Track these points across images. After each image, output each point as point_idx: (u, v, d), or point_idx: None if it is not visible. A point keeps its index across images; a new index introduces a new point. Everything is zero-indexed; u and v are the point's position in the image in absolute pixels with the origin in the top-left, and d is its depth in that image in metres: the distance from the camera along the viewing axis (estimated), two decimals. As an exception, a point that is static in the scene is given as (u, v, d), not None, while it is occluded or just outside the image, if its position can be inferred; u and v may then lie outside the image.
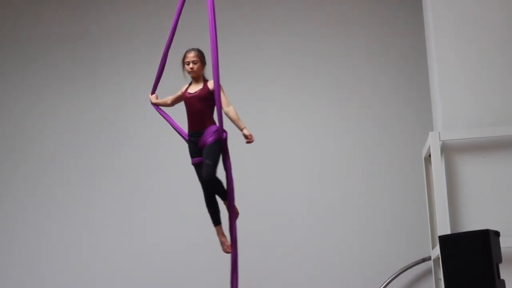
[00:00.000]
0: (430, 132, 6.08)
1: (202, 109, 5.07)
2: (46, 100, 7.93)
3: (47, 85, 7.96)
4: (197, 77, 5.19)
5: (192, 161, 5.18)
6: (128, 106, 7.84)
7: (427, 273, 7.12)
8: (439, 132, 6.00)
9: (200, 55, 5.15)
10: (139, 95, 7.77)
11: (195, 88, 5.12)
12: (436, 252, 6.04)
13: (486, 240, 4.90)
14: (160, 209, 7.62)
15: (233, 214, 5.18)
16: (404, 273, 7.13)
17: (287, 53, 7.77)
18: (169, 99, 5.36)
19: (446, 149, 6.01)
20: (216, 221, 5.23)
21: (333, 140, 7.57)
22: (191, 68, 5.11)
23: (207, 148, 5.02)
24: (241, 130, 5.07)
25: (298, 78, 7.72)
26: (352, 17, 7.74)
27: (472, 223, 5.84)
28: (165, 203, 7.61)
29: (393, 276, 7.10)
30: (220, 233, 5.22)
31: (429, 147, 6.09)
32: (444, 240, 5.13)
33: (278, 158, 7.59)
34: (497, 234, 5.01)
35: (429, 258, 6.84)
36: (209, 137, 5.04)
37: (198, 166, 5.16)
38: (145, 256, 7.53)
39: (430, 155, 6.14)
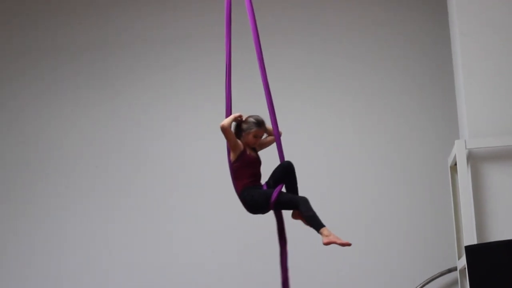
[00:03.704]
0: (456, 140, 6.06)
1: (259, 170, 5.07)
2: (67, 109, 7.94)
3: (69, 92, 7.95)
4: None
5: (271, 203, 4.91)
6: (152, 115, 7.83)
7: (452, 284, 7.05)
8: (465, 140, 5.97)
9: None
10: (162, 102, 7.85)
11: (252, 152, 5.04)
12: (462, 262, 6.00)
13: (513, 250, 4.91)
14: (186, 222, 7.59)
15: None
16: (429, 284, 7.05)
17: (309, 61, 7.72)
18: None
19: (473, 158, 5.98)
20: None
21: (357, 148, 7.51)
22: (255, 143, 5.04)
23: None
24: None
25: (322, 85, 7.68)
26: (378, 25, 7.69)
27: (499, 233, 5.79)
28: (191, 216, 7.57)
29: (418, 287, 7.02)
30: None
31: (455, 155, 6.06)
32: (471, 250, 5.18)
33: (300, 168, 7.54)
34: (525, 244, 5.01)
35: (455, 269, 6.81)
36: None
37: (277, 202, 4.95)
38: (170, 271, 7.50)
39: (456, 164, 6.12)
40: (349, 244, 4.83)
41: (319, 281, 7.29)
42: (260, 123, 5.00)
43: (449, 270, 7.00)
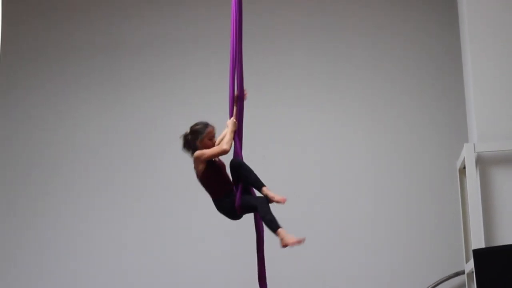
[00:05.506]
0: (465, 144, 6.07)
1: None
2: (78, 112, 7.96)
3: (79, 96, 7.97)
4: None
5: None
6: (162, 119, 7.84)
7: (460, 288, 7.09)
8: (474, 144, 5.98)
9: None
10: (174, 105, 7.85)
11: (217, 158, 5.08)
12: (470, 266, 6.02)
13: (521, 254, 4.90)
14: (198, 226, 7.59)
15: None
16: (437, 287, 7.02)
17: (313, 64, 7.72)
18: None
19: (481, 161, 5.98)
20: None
21: (366, 151, 7.51)
22: (213, 145, 5.05)
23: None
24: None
25: (331, 85, 7.67)
26: (387, 29, 7.69)
27: (507, 237, 5.78)
28: (203, 220, 7.52)
29: (426, 290, 7.07)
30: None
31: (464, 159, 6.06)
32: (478, 254, 5.18)
33: (309, 172, 7.56)
34: (532, 248, 5.01)
35: (462, 272, 6.79)
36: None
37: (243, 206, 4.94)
38: (179, 273, 7.50)
39: (464, 167, 6.11)
40: (300, 241, 4.74)
41: (324, 283, 7.29)
42: (207, 123, 5.03)
43: (457, 274, 6.98)
